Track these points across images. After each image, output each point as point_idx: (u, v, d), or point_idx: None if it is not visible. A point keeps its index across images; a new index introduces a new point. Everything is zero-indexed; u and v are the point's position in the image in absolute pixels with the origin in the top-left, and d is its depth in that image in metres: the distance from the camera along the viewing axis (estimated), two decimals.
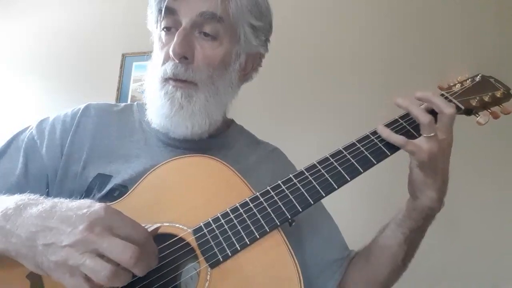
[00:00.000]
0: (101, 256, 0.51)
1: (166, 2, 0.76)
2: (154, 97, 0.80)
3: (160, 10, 0.78)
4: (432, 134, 0.69)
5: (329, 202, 0.83)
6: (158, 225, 0.61)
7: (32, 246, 0.53)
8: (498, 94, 0.78)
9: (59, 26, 2.81)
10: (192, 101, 0.78)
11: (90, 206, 0.54)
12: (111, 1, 2.72)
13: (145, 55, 2.45)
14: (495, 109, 0.79)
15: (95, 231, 0.51)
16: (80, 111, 0.88)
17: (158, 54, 0.81)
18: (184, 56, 0.76)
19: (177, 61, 0.76)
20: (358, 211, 1.78)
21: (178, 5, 0.76)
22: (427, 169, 0.71)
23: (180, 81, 0.77)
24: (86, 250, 0.50)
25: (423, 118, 0.70)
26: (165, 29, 0.80)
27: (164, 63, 0.78)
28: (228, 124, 0.96)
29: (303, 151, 1.15)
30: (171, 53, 0.75)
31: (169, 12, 0.77)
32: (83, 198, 0.76)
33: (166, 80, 0.78)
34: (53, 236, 0.52)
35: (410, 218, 0.77)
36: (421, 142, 0.69)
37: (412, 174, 0.74)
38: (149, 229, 0.59)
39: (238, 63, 0.85)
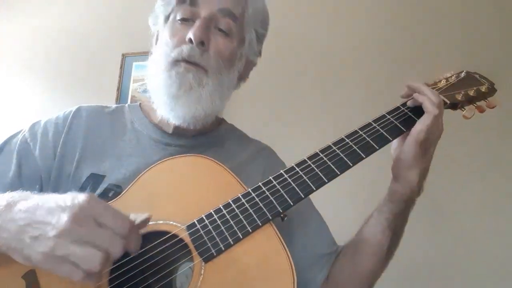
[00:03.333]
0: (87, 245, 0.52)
1: None
2: (163, 77, 0.82)
3: (182, 0, 0.82)
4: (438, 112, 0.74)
5: (323, 196, 0.85)
6: (147, 215, 0.61)
7: (20, 240, 0.54)
8: (483, 88, 0.80)
9: (59, 26, 2.82)
10: (202, 85, 0.81)
11: (75, 197, 0.55)
12: (111, 1, 2.73)
13: (145, 55, 2.44)
14: (481, 103, 0.81)
15: (80, 221, 0.52)
16: (72, 113, 0.90)
17: (167, 41, 0.83)
18: (202, 42, 0.80)
19: (195, 45, 0.79)
20: (352, 205, 1.78)
21: None
22: (424, 147, 0.75)
23: (193, 64, 0.80)
24: (73, 240, 0.52)
25: (434, 97, 0.75)
26: (181, 20, 0.83)
27: (179, 45, 0.81)
28: (219, 122, 0.99)
29: (303, 150, 1.16)
30: (191, 36, 0.79)
31: (192, 3, 0.81)
32: None
33: (177, 61, 0.81)
34: (40, 229, 0.53)
35: (391, 202, 0.80)
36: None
37: (403, 152, 0.76)
38: (138, 220, 0.60)
39: (240, 64, 0.90)
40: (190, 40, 0.79)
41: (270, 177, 0.72)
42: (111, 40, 2.63)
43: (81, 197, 0.55)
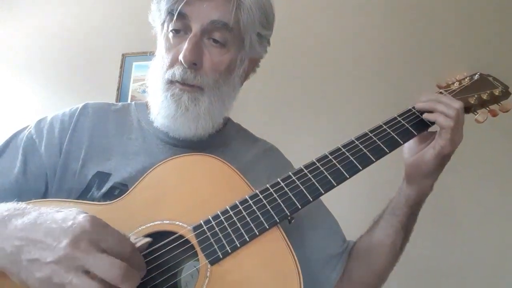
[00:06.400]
0: (87, 272, 0.50)
1: (178, 7, 0.76)
2: (160, 97, 0.81)
3: (170, 13, 0.78)
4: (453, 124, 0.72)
5: (331, 197, 0.84)
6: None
7: (17, 261, 0.52)
8: (497, 92, 0.79)
9: (59, 26, 2.81)
10: (198, 104, 0.79)
11: (75, 218, 0.53)
12: (111, 1, 2.72)
13: (145, 55, 2.48)
14: (494, 107, 0.80)
15: (81, 247, 0.50)
16: (78, 110, 0.88)
17: (163, 55, 0.82)
18: (194, 63, 0.77)
19: (187, 67, 0.77)
20: (358, 205, 1.78)
21: (190, 11, 0.77)
22: (445, 159, 0.75)
23: (188, 85, 0.79)
24: (71, 267, 0.49)
25: (447, 109, 0.73)
26: (173, 31, 0.80)
27: (172, 65, 0.79)
28: (225, 122, 0.97)
29: (304, 150, 1.15)
30: (181, 59, 0.76)
31: (180, 16, 0.77)
32: (80, 196, 0.76)
33: (172, 82, 0.79)
34: (37, 251, 0.51)
35: (406, 206, 0.81)
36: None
37: (424, 163, 0.76)
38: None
39: (242, 68, 0.87)
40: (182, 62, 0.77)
41: (278, 179, 0.71)
42: (111, 40, 2.63)
43: (82, 218, 0.53)
